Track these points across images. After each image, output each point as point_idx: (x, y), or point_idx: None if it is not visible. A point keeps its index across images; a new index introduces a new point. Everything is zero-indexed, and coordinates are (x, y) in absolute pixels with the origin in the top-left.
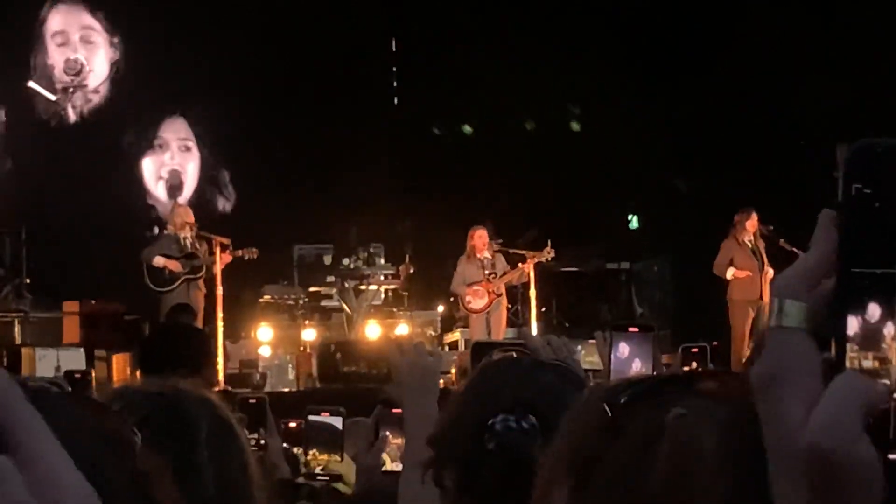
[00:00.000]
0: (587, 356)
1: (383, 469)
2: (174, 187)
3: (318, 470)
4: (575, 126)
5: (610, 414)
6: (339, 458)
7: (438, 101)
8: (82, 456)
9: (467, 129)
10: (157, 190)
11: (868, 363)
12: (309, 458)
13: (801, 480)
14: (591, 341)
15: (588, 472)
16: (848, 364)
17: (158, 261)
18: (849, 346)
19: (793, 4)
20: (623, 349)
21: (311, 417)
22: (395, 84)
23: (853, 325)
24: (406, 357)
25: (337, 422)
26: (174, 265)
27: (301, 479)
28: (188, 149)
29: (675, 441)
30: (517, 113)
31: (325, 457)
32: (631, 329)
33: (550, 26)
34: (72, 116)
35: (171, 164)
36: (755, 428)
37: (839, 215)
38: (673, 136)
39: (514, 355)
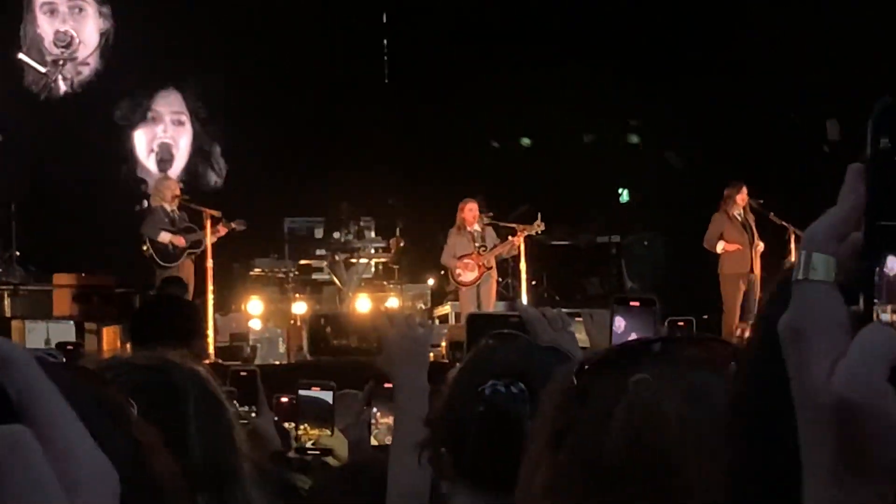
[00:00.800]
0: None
1: (373, 445)
2: (164, 160)
3: (308, 444)
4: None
5: (576, 382)
6: (329, 433)
7: (429, 74)
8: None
9: (526, 140)
10: (148, 163)
11: (886, 316)
12: (300, 432)
13: (827, 433)
14: (577, 319)
15: (559, 440)
16: None
17: (164, 236)
18: None
19: None
20: (619, 323)
21: (302, 392)
22: (385, 57)
23: None
24: (396, 329)
25: (327, 396)
26: (179, 240)
27: (292, 454)
28: (181, 122)
29: (632, 405)
30: (511, 89)
31: (315, 431)
32: (632, 303)
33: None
34: (62, 88)
35: (164, 137)
36: (733, 395)
37: (866, 169)
38: (663, 110)
39: (509, 333)
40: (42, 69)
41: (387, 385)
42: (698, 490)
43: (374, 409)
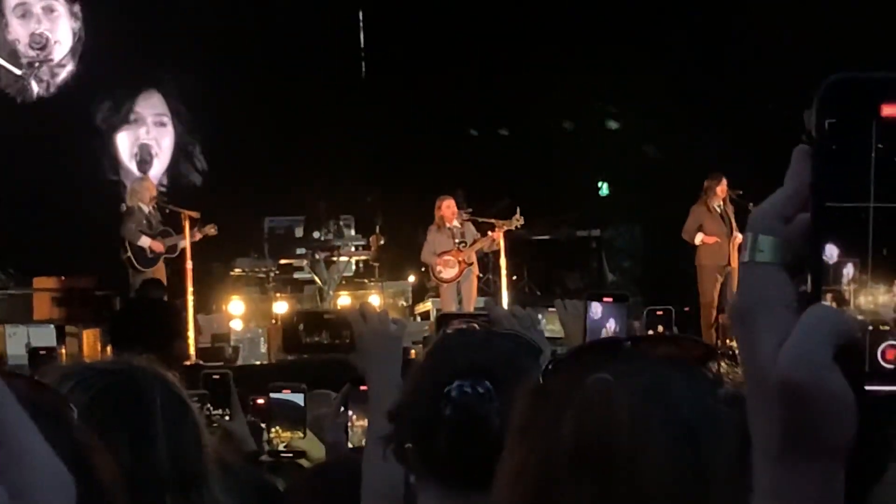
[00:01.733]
0: (548, 324)
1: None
2: (144, 161)
3: (281, 447)
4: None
5: (542, 381)
6: (301, 435)
7: (405, 71)
8: None
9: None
10: (130, 165)
11: (825, 303)
12: (272, 435)
13: (773, 413)
14: (550, 309)
15: (522, 437)
16: None
17: (144, 240)
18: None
19: None
20: (596, 309)
21: (274, 395)
22: (362, 54)
23: None
24: (369, 325)
25: (299, 399)
26: (158, 246)
27: (265, 457)
28: (163, 123)
29: (584, 403)
30: (489, 83)
31: (287, 434)
32: (605, 299)
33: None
34: (38, 91)
35: (145, 139)
36: (691, 393)
37: (813, 150)
38: (642, 103)
39: (476, 326)
40: (18, 71)
41: (363, 388)
42: (649, 486)
43: (350, 412)
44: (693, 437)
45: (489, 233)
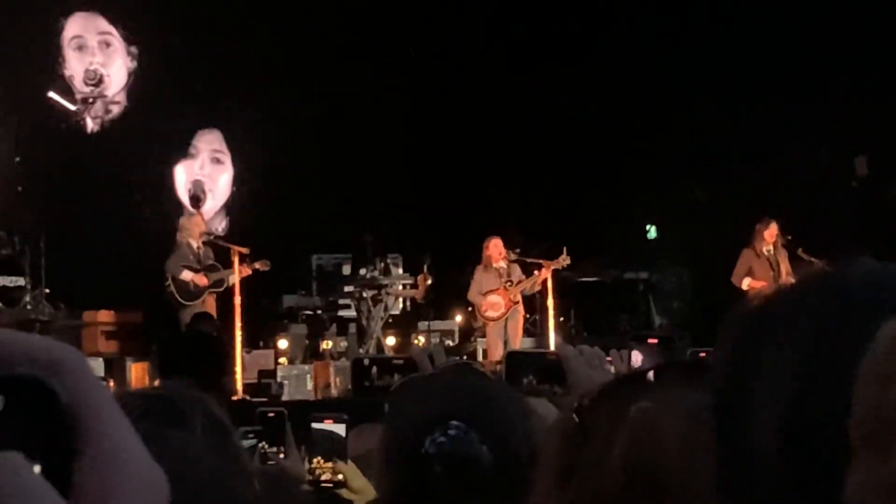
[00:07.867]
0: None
1: None
2: (196, 197)
3: (322, 477)
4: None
5: (577, 419)
6: (343, 465)
7: (455, 112)
8: None
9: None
10: (183, 199)
11: None
12: (313, 465)
13: None
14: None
15: (566, 478)
16: None
17: (186, 275)
18: None
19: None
20: (636, 358)
21: (315, 425)
22: (411, 91)
23: None
24: (437, 365)
25: (340, 429)
26: (201, 280)
27: (304, 486)
28: (220, 161)
29: (632, 433)
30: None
31: (329, 464)
32: (650, 340)
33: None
34: (91, 126)
35: (199, 174)
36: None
37: None
38: (691, 144)
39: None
40: (71, 107)
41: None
42: None
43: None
44: None
45: (535, 272)
